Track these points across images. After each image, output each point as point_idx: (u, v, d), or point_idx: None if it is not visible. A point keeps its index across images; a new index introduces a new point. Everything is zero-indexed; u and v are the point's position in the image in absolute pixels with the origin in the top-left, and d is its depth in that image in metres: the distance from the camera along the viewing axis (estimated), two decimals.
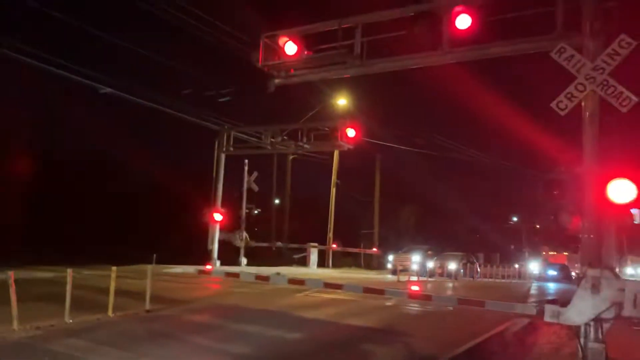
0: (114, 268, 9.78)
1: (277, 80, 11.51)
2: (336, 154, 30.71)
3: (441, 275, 25.64)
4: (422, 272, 24.47)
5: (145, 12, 18.00)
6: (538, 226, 50.58)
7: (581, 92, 7.18)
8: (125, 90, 19.20)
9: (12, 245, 21.00)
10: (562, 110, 7.21)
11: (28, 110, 30.97)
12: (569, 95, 7.22)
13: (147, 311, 9.71)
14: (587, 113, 7.29)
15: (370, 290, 12.59)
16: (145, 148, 30.28)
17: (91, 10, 29.54)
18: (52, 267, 15.57)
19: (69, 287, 8.45)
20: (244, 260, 23.69)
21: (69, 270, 8.78)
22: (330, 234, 30.79)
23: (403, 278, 21.52)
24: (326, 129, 22.01)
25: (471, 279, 27.59)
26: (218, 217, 22.12)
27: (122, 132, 30.01)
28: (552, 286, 25.85)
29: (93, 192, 30.00)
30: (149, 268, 10.80)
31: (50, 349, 6.81)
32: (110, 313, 9.00)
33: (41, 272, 14.85)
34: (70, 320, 8.23)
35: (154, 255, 19.70)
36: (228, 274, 15.10)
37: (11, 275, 7.86)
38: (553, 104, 7.23)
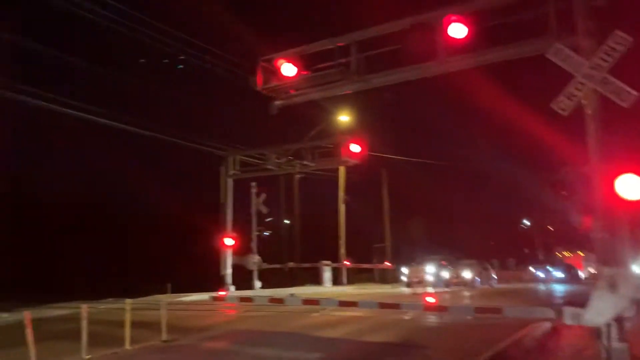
0: (128, 300, 9.81)
1: (278, 102, 11.63)
2: (342, 170, 30.69)
3: (457, 284, 25.41)
4: (438, 282, 24.25)
5: (136, 41, 18.12)
6: (551, 228, 50.11)
7: (580, 90, 7.18)
8: (127, 122, 19.31)
9: (28, 284, 21.07)
10: (563, 110, 7.20)
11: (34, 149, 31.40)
12: (568, 95, 7.22)
13: (164, 341, 9.69)
14: (589, 111, 7.29)
15: (385, 305, 12.50)
16: (148, 179, 30.38)
17: (78, 36, 29.58)
18: (67, 303, 15.60)
19: (84, 323, 8.45)
20: (257, 284, 23.59)
21: (84, 306, 8.81)
22: (342, 251, 30.64)
23: (418, 290, 21.35)
24: (330, 146, 22.09)
25: (487, 286, 27.31)
26: (229, 241, 22.09)
27: (121, 164, 30.15)
28: (560, 288, 25.44)
29: (102, 227, 30.16)
30: (163, 298, 10.78)
31: None
32: (127, 346, 8.97)
33: (56, 310, 14.86)
34: (88, 356, 8.21)
35: (168, 285, 19.71)
36: (242, 299, 15.04)
37: (27, 316, 7.88)
38: (553, 105, 7.24)
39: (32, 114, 21.15)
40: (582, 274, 35.65)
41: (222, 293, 19.29)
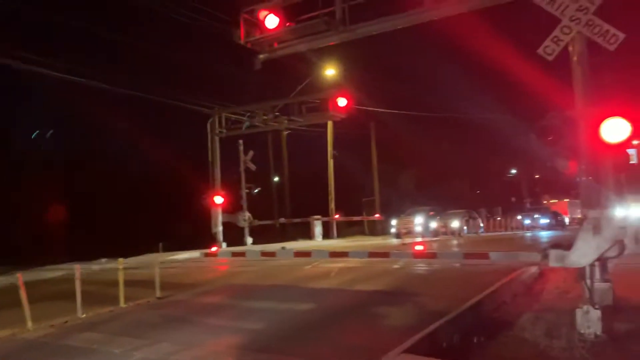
0: (120, 260, 9.88)
1: (261, 56, 11.42)
2: (330, 125, 30.58)
3: (445, 234, 25.90)
4: (426, 232, 24.68)
5: None
6: (537, 176, 50.71)
7: (567, 34, 7.10)
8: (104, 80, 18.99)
9: (18, 247, 21.11)
10: (549, 55, 7.14)
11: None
12: (555, 39, 7.14)
13: (159, 298, 9.82)
14: (575, 55, 7.23)
15: (375, 254, 12.68)
16: (137, 139, 30.09)
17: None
18: (60, 265, 15.68)
19: (78, 283, 8.53)
20: (249, 240, 23.81)
21: (77, 266, 8.87)
22: (332, 205, 30.89)
23: (407, 240, 21.70)
24: (317, 100, 21.91)
25: (475, 234, 27.83)
26: (219, 200, 22.16)
27: (108, 122, 29.76)
28: (546, 234, 25.95)
29: (90, 189, 30.06)
30: (155, 257, 10.87)
31: (66, 344, 6.90)
32: (122, 304, 9.09)
33: (50, 272, 14.93)
34: (84, 315, 8.32)
35: (160, 244, 19.84)
36: (234, 254, 15.19)
37: (19, 277, 7.95)
38: (540, 50, 7.17)
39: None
40: (567, 220, 36.37)
41: (214, 249, 19.50)
